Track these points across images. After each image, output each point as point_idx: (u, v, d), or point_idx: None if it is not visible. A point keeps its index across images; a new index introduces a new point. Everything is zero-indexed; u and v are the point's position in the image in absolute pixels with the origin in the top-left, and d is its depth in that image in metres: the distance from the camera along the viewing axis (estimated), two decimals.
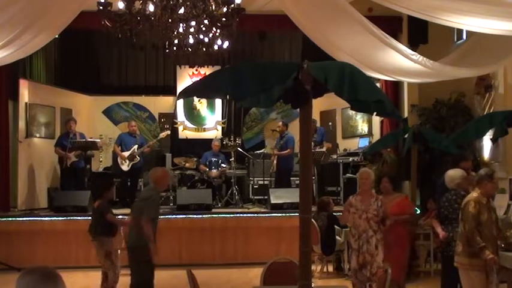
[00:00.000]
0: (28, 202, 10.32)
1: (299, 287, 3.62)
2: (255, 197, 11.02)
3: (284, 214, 9.46)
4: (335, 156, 11.32)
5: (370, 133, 11.64)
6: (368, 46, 8.00)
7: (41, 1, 7.16)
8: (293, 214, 8.99)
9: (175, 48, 7.42)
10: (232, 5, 6.72)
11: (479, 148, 9.53)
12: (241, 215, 9.72)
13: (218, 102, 13.20)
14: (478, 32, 7.56)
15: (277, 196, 9.84)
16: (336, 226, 8.21)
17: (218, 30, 7.01)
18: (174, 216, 9.54)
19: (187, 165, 11.13)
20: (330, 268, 8.57)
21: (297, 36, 12.17)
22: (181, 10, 6.46)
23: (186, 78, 12.88)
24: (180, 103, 12.87)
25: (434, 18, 7.25)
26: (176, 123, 13.14)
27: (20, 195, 10.24)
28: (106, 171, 11.81)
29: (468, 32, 9.17)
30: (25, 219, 9.41)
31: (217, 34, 7.12)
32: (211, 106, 13.24)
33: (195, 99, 12.76)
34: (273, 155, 10.90)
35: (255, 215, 9.81)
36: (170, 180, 10.56)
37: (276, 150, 10.86)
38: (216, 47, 7.46)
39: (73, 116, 11.14)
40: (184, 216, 9.51)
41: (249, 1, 8.22)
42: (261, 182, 11.05)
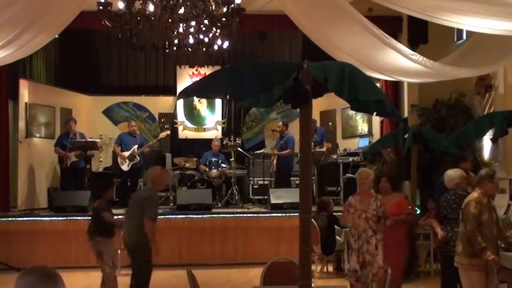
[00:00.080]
0: (28, 202, 10.32)
1: (299, 287, 3.62)
2: (255, 197, 11.01)
3: (284, 214, 9.46)
4: (335, 156, 11.31)
5: (370, 133, 11.64)
6: (368, 46, 8.00)
7: (41, 1, 7.16)
8: (293, 214, 8.99)
9: (175, 48, 7.42)
10: (232, 5, 6.72)
11: (479, 148, 9.53)
12: (241, 215, 9.72)
13: (218, 102, 13.20)
14: (478, 32, 7.56)
15: (277, 196, 9.84)
16: (336, 226, 8.21)
17: (218, 30, 7.01)
18: (174, 216, 9.54)
19: (187, 165, 11.13)
20: (330, 268, 8.57)
21: (297, 36, 12.16)
22: (181, 10, 6.46)
23: (186, 78, 12.88)
24: (180, 103, 12.87)
25: (434, 18, 7.25)
26: (176, 123, 13.14)
27: (20, 195, 10.24)
28: (106, 171, 11.81)
29: (468, 32, 9.17)
30: (25, 219, 9.42)
31: (217, 34, 7.12)
32: (211, 106, 13.24)
33: (195, 99, 12.76)
34: (273, 155, 10.90)
35: (255, 215, 9.81)
36: (169, 179, 10.62)
37: (276, 150, 10.86)
38: (216, 47, 7.45)
39: (73, 116, 11.14)
40: (184, 216, 9.51)
41: (249, 1, 8.22)
42: (261, 182, 11.04)
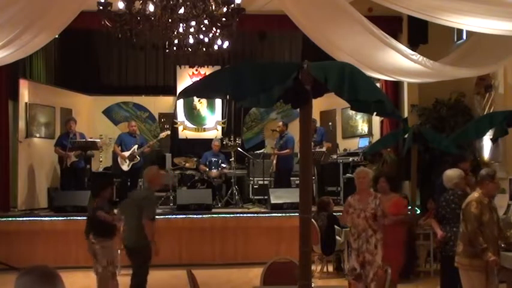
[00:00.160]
0: (28, 202, 10.32)
1: (299, 287, 3.62)
2: (255, 197, 11.00)
3: (284, 214, 9.46)
4: (335, 156, 11.31)
5: (370, 133, 11.63)
6: (368, 46, 8.00)
7: (41, 1, 7.16)
8: (293, 214, 8.98)
9: (175, 48, 7.42)
10: (232, 5, 6.72)
11: (479, 148, 9.52)
12: (241, 215, 9.72)
13: (218, 102, 13.20)
14: (478, 32, 7.56)
15: (277, 196, 9.84)
16: (336, 226, 8.21)
17: (218, 30, 7.01)
18: (174, 216, 9.54)
19: (187, 165, 11.12)
20: (330, 268, 8.57)
21: (297, 36, 12.16)
22: (181, 10, 6.46)
23: (186, 78, 12.88)
24: (180, 103, 12.86)
25: (434, 18, 7.25)
26: (176, 123, 13.13)
27: (20, 195, 10.24)
28: (106, 171, 11.81)
29: (468, 32, 9.16)
30: (25, 219, 9.42)
31: (217, 34, 7.12)
32: (211, 106, 13.23)
33: (195, 99, 12.76)
34: (273, 155, 10.90)
35: (255, 215, 9.81)
36: (169, 179, 10.64)
37: (276, 150, 10.86)
38: (216, 47, 7.45)
39: (73, 116, 11.14)
40: (184, 216, 9.51)
41: (249, 1, 8.22)
42: (261, 182, 11.04)
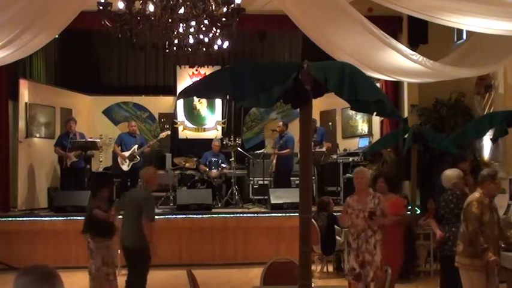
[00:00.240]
0: (28, 202, 10.32)
1: (299, 287, 3.62)
2: (255, 197, 11.00)
3: (284, 214, 9.45)
4: (335, 156, 11.31)
5: (370, 133, 11.63)
6: (368, 46, 8.00)
7: (41, 1, 7.16)
8: (293, 214, 8.98)
9: (175, 48, 7.42)
10: (232, 5, 6.72)
11: (479, 148, 9.52)
12: (241, 215, 9.72)
13: (218, 102, 13.20)
14: (478, 32, 7.56)
15: (277, 196, 9.84)
16: (336, 226, 8.21)
17: (218, 30, 7.00)
18: (174, 216, 9.54)
19: (187, 165, 11.12)
20: (330, 268, 8.57)
21: (297, 36, 12.16)
22: (181, 10, 6.46)
23: (186, 78, 12.87)
24: (180, 103, 12.86)
25: (434, 18, 7.25)
26: (176, 123, 13.13)
27: (20, 195, 10.24)
28: (106, 171, 11.82)
29: (468, 32, 9.16)
30: (25, 219, 9.42)
31: (217, 34, 7.12)
32: (211, 106, 13.23)
33: (195, 99, 12.76)
34: (273, 155, 10.89)
35: (255, 215, 9.81)
36: (169, 179, 10.64)
37: (276, 150, 10.86)
38: (216, 47, 7.45)
39: (73, 116, 11.14)
40: (184, 216, 9.50)
41: (249, 1, 8.22)
42: (261, 182, 11.04)
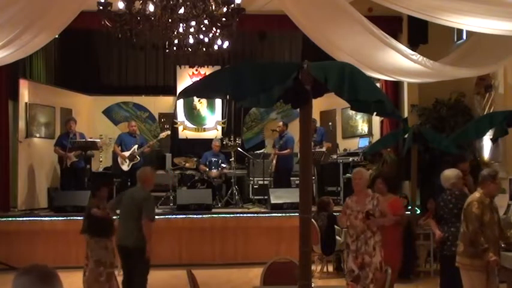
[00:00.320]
0: (28, 202, 10.32)
1: (299, 287, 3.62)
2: (255, 197, 11.00)
3: (284, 214, 9.45)
4: (335, 156, 11.31)
5: (370, 133, 11.64)
6: (368, 46, 8.00)
7: (41, 1, 7.16)
8: (293, 214, 8.98)
9: (175, 48, 7.42)
10: (232, 5, 6.72)
11: (479, 148, 9.52)
12: (241, 215, 9.72)
13: (218, 102, 13.20)
14: (478, 32, 7.56)
15: (277, 196, 9.84)
16: (336, 226, 8.20)
17: (218, 30, 7.00)
18: (174, 216, 9.53)
19: (187, 165, 11.12)
20: (330, 268, 8.57)
21: (297, 36, 12.16)
22: (181, 10, 6.46)
23: (186, 78, 12.88)
24: (180, 103, 12.87)
25: (434, 18, 7.25)
26: (176, 123, 13.14)
27: (20, 195, 10.24)
28: (106, 171, 11.82)
29: (468, 32, 9.16)
30: (25, 219, 9.41)
31: (217, 34, 7.12)
32: (211, 106, 13.23)
33: (195, 99, 12.76)
34: (273, 155, 10.89)
35: (255, 215, 9.81)
36: (169, 179, 10.63)
37: (276, 150, 10.86)
38: (216, 47, 7.45)
39: (73, 116, 11.14)
40: (184, 216, 9.50)
41: (249, 1, 8.22)
42: (261, 182, 11.04)
